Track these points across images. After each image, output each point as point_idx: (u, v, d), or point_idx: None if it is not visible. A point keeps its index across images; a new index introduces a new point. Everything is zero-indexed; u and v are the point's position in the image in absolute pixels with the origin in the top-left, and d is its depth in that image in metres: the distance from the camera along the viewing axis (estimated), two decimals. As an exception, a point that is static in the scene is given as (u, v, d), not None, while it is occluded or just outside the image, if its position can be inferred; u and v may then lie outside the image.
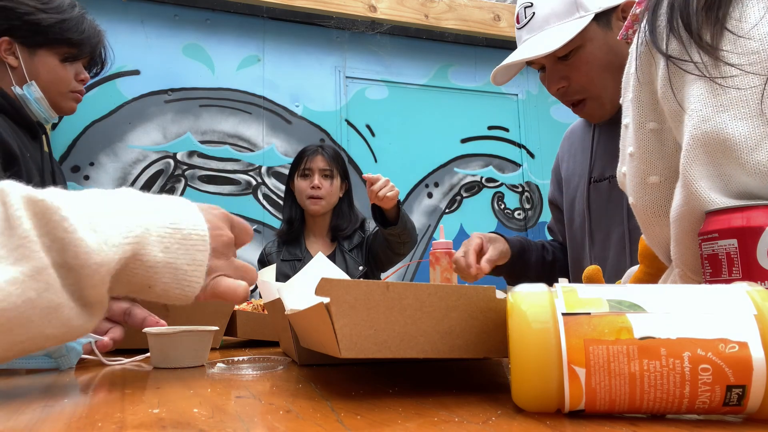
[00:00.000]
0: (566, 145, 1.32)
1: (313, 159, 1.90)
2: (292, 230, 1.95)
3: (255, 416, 0.41)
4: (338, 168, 1.94)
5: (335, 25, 3.03)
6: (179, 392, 0.51)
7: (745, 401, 0.33)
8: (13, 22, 1.21)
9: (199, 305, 0.91)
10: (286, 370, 0.65)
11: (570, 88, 1.09)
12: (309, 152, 1.93)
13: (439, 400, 0.44)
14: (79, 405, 0.47)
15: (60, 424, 0.40)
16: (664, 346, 0.34)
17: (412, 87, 3.22)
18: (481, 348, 0.45)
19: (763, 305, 0.35)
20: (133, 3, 2.73)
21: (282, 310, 0.67)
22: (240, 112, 2.89)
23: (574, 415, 0.36)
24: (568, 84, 1.09)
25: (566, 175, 1.28)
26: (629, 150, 0.58)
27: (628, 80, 0.61)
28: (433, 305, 0.43)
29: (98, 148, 2.67)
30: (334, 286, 0.41)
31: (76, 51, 1.29)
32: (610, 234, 1.12)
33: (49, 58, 1.25)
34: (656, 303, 0.36)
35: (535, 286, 0.40)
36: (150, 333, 0.71)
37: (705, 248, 0.53)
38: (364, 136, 3.09)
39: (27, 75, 1.22)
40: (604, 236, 1.14)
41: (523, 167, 3.40)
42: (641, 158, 0.57)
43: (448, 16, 3.12)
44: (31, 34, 1.22)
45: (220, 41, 2.89)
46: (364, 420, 0.38)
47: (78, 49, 1.29)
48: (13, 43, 1.21)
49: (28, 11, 1.22)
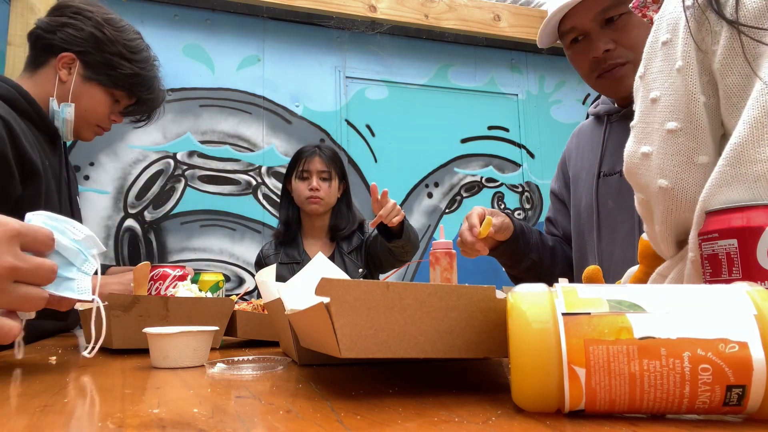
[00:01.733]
0: (575, 142, 1.33)
1: (311, 161, 1.88)
2: (289, 232, 1.93)
3: (255, 416, 0.41)
4: (336, 169, 1.91)
5: (335, 25, 3.03)
6: (179, 392, 0.51)
7: (745, 401, 0.33)
8: (93, 52, 1.21)
9: (200, 305, 0.91)
10: (286, 370, 0.65)
11: (616, 51, 1.10)
12: (306, 153, 1.90)
13: (439, 400, 0.44)
14: (78, 405, 0.47)
15: (60, 424, 0.40)
16: (664, 346, 0.34)
17: (412, 87, 3.22)
18: (481, 348, 0.45)
19: (763, 305, 0.35)
20: (133, 3, 2.73)
21: (282, 310, 0.67)
22: (240, 112, 2.89)
23: (574, 415, 0.36)
24: (615, 47, 1.09)
25: (574, 171, 1.29)
26: (670, 126, 0.54)
27: (656, 50, 0.58)
28: (433, 305, 0.43)
29: (98, 148, 2.67)
30: (334, 285, 0.41)
31: (133, 106, 1.30)
32: (618, 228, 1.13)
33: (100, 92, 1.25)
34: (656, 303, 0.36)
35: (535, 286, 0.40)
36: (150, 333, 0.71)
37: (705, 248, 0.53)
38: (364, 136, 3.09)
39: (70, 95, 1.22)
40: (611, 230, 1.14)
41: (523, 167, 3.40)
42: (690, 135, 0.53)
43: (448, 16, 3.12)
44: (104, 71, 1.23)
45: (220, 41, 2.89)
46: (364, 420, 0.38)
47: (136, 105, 1.31)
48: (75, 61, 1.21)
49: (114, 52, 1.22)
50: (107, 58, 1.22)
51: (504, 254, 1.24)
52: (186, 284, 1.02)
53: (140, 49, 1.27)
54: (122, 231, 2.65)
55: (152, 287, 1.05)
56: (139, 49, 1.27)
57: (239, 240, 2.79)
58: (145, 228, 2.67)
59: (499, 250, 1.22)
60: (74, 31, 1.20)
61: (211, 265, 2.73)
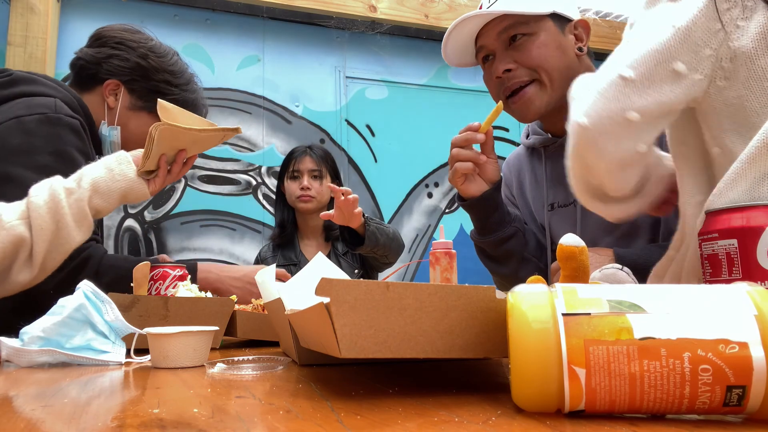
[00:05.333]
0: (514, 172, 1.32)
1: (301, 160, 1.90)
2: (284, 233, 1.94)
3: (255, 416, 0.40)
4: (328, 168, 1.92)
5: (335, 25, 3.03)
6: (179, 392, 0.51)
7: (745, 401, 0.33)
8: (139, 80, 1.23)
9: (200, 305, 0.91)
10: (286, 370, 0.65)
11: (518, 71, 1.09)
12: (297, 154, 1.93)
13: (439, 400, 0.44)
14: (79, 405, 0.47)
15: (60, 424, 0.40)
16: (664, 346, 0.34)
17: (412, 87, 3.22)
18: (481, 348, 0.45)
19: (763, 305, 0.35)
20: (133, 3, 2.73)
21: (282, 310, 0.67)
22: (240, 112, 2.89)
23: (574, 415, 0.36)
24: (517, 67, 1.09)
25: (520, 202, 1.30)
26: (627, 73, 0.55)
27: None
28: (433, 305, 0.43)
29: (98, 148, 2.67)
30: (335, 285, 0.41)
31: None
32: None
33: (147, 117, 1.26)
34: (656, 303, 0.36)
35: (536, 287, 0.40)
36: (150, 333, 0.71)
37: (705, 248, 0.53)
38: (364, 136, 3.08)
39: (117, 119, 1.23)
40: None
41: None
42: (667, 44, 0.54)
43: (448, 16, 3.12)
44: (149, 98, 1.23)
45: (220, 41, 2.89)
46: (364, 420, 0.38)
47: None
48: (120, 87, 1.22)
49: (160, 79, 1.24)
50: (154, 85, 1.24)
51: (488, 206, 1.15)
52: (186, 284, 1.02)
53: (183, 72, 1.29)
54: (122, 231, 2.65)
55: (152, 287, 1.05)
56: (182, 72, 1.29)
57: (239, 240, 2.79)
58: (145, 228, 2.67)
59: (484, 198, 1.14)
60: (119, 62, 1.22)
61: (211, 265, 2.72)
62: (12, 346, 0.72)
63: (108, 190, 0.93)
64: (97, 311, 0.75)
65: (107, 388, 0.57)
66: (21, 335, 0.73)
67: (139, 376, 0.64)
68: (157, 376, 0.63)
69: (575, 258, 0.50)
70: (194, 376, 0.62)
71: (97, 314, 0.74)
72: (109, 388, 0.56)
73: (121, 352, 0.76)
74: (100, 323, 0.74)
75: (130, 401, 0.48)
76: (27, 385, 0.58)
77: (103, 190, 0.92)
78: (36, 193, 0.87)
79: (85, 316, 0.74)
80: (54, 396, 0.51)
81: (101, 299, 0.76)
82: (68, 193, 0.89)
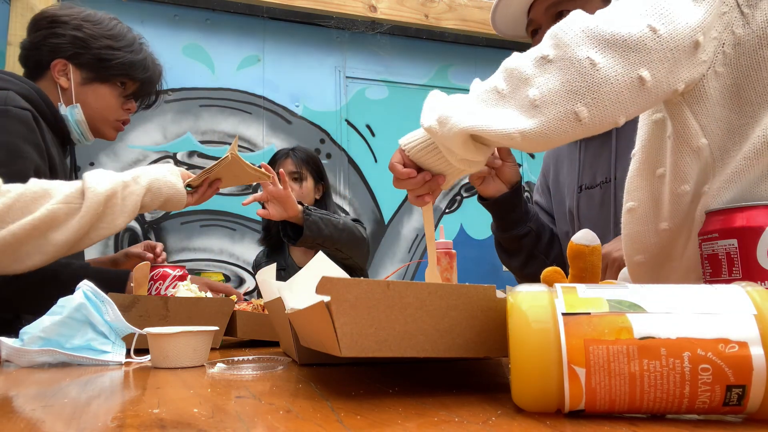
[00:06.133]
0: (552, 157, 1.33)
1: (282, 162, 1.88)
2: (269, 236, 1.93)
3: (255, 416, 0.40)
4: (309, 170, 1.90)
5: (335, 25, 3.03)
6: (179, 392, 0.51)
7: (745, 401, 0.33)
8: (81, 52, 1.22)
9: (200, 305, 0.91)
10: (286, 370, 0.65)
11: None
12: (280, 156, 1.92)
13: (439, 400, 0.44)
14: (79, 405, 0.47)
15: (60, 424, 0.40)
16: (664, 346, 0.34)
17: (412, 87, 3.22)
18: (481, 347, 0.45)
19: (763, 305, 0.35)
20: (133, 3, 2.73)
21: (282, 310, 0.67)
22: (240, 112, 2.89)
23: (574, 415, 0.36)
24: None
25: (554, 186, 1.30)
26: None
27: None
28: (434, 304, 0.43)
29: (98, 148, 2.67)
30: (335, 284, 0.41)
31: (136, 88, 1.31)
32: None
33: (102, 88, 1.26)
34: (656, 303, 0.36)
35: (536, 286, 0.40)
36: (150, 333, 0.71)
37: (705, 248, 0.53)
38: (364, 136, 3.09)
39: (74, 98, 1.23)
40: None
41: (523, 167, 3.39)
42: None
43: (448, 16, 3.12)
44: (97, 67, 1.24)
45: (220, 41, 2.89)
46: (364, 420, 0.38)
47: (138, 87, 1.31)
48: (68, 65, 1.22)
49: (100, 46, 1.23)
50: (96, 53, 1.23)
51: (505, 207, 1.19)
52: (186, 284, 1.02)
53: (123, 35, 1.28)
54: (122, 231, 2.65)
55: (152, 287, 1.05)
56: (122, 35, 1.27)
57: (239, 240, 2.79)
58: (145, 228, 2.67)
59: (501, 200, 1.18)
60: (56, 39, 1.22)
61: (211, 265, 2.72)
62: (12, 346, 0.72)
63: (158, 192, 1.07)
64: (97, 311, 0.75)
65: (107, 388, 0.57)
66: (21, 335, 0.73)
67: (139, 376, 0.64)
68: (157, 376, 0.63)
69: (584, 257, 0.49)
70: (194, 376, 0.62)
71: (97, 314, 0.74)
72: (109, 388, 0.56)
73: (121, 352, 0.76)
74: (100, 323, 0.75)
75: (130, 401, 0.48)
76: (27, 385, 0.58)
77: (155, 191, 1.06)
78: (94, 180, 0.98)
79: (85, 316, 0.74)
80: (54, 396, 0.51)
81: (101, 299, 0.76)
82: (124, 186, 1.01)
